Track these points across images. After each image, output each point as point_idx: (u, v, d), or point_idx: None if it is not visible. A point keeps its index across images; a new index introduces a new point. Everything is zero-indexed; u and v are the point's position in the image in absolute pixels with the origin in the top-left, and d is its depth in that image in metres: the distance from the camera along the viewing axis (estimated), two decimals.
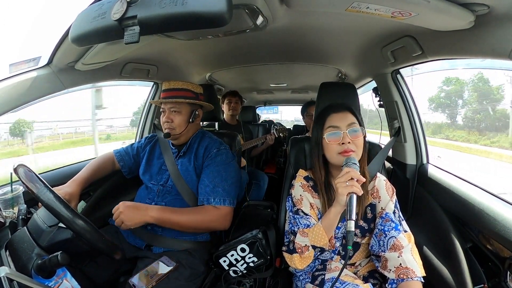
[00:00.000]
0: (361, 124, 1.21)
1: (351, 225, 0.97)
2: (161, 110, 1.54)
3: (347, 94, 1.54)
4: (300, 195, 1.24)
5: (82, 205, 1.51)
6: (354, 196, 1.01)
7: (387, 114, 1.88)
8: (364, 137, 1.21)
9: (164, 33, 1.29)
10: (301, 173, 1.32)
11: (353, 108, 1.25)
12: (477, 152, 9.66)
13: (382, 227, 1.16)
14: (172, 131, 1.48)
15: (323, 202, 1.22)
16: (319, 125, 1.24)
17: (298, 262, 1.16)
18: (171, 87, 1.49)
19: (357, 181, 1.03)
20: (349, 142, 1.15)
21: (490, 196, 1.22)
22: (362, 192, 1.03)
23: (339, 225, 1.21)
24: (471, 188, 1.32)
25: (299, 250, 1.15)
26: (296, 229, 1.19)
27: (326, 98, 1.52)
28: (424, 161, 1.72)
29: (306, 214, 1.20)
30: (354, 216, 0.99)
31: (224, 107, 3.09)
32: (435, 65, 1.45)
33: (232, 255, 1.40)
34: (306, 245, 1.14)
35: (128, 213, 1.21)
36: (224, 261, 1.41)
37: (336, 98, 1.48)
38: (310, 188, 1.26)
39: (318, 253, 1.17)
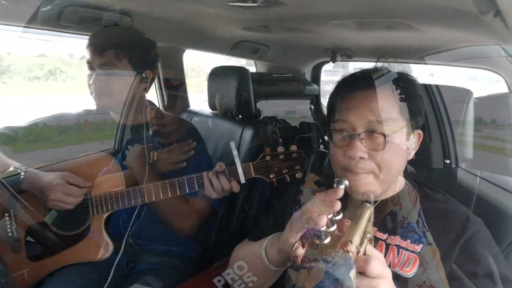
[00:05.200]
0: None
1: None
2: None
3: None
4: None
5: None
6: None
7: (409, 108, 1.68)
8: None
9: None
10: (311, 177, 1.13)
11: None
12: None
13: (404, 239, 0.97)
14: None
15: None
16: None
17: (306, 279, 0.97)
18: None
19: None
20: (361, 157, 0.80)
21: None
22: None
23: None
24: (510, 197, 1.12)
25: (308, 265, 0.96)
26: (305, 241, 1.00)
27: None
28: (453, 164, 1.51)
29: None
30: None
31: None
32: None
33: (228, 274, 1.22)
34: (316, 258, 0.95)
35: None
36: (219, 281, 1.23)
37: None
38: None
39: None
